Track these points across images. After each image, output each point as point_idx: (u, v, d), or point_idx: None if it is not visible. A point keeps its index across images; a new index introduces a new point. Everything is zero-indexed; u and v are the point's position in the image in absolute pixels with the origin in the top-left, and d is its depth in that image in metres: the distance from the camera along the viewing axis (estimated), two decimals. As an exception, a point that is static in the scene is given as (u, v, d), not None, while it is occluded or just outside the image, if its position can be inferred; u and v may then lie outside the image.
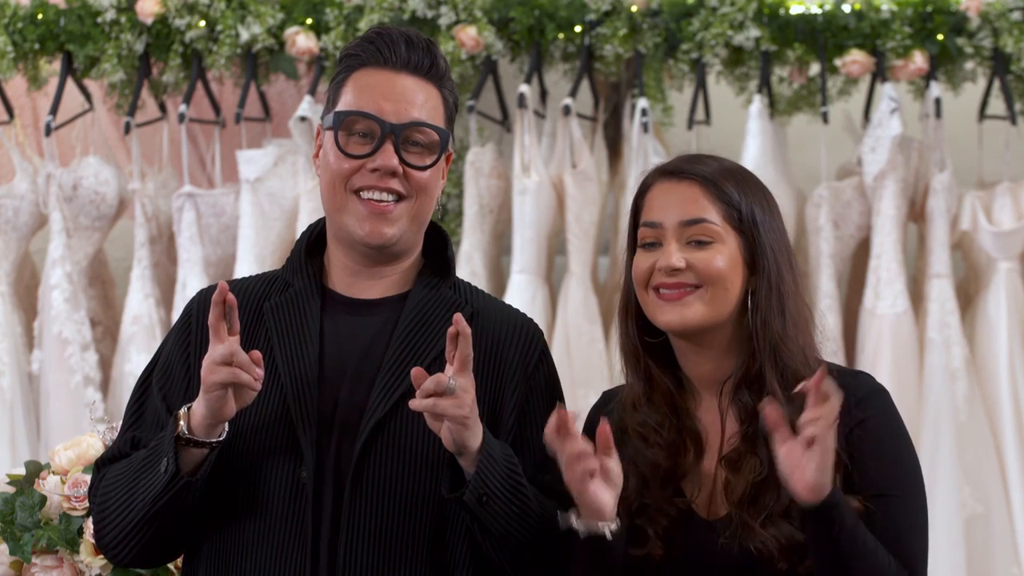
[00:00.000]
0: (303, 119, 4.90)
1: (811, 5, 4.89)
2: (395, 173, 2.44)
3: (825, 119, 4.89)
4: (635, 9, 4.89)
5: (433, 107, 2.47)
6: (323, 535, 2.38)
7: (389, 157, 2.43)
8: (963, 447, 4.76)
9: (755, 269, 2.47)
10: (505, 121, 5.11)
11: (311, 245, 2.55)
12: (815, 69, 4.93)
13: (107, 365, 5.07)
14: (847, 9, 4.87)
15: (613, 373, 4.63)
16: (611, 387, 2.67)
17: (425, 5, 4.90)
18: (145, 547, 2.42)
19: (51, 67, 5.09)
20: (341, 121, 2.45)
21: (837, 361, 2.52)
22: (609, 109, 5.19)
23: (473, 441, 2.31)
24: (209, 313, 2.31)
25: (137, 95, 5.01)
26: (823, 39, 4.85)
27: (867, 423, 2.40)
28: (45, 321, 4.97)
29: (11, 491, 3.04)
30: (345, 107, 2.46)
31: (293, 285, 2.52)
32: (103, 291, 5.25)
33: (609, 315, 4.83)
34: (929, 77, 4.87)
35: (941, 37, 4.84)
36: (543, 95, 5.07)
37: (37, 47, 5.01)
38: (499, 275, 5.02)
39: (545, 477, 2.44)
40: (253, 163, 4.98)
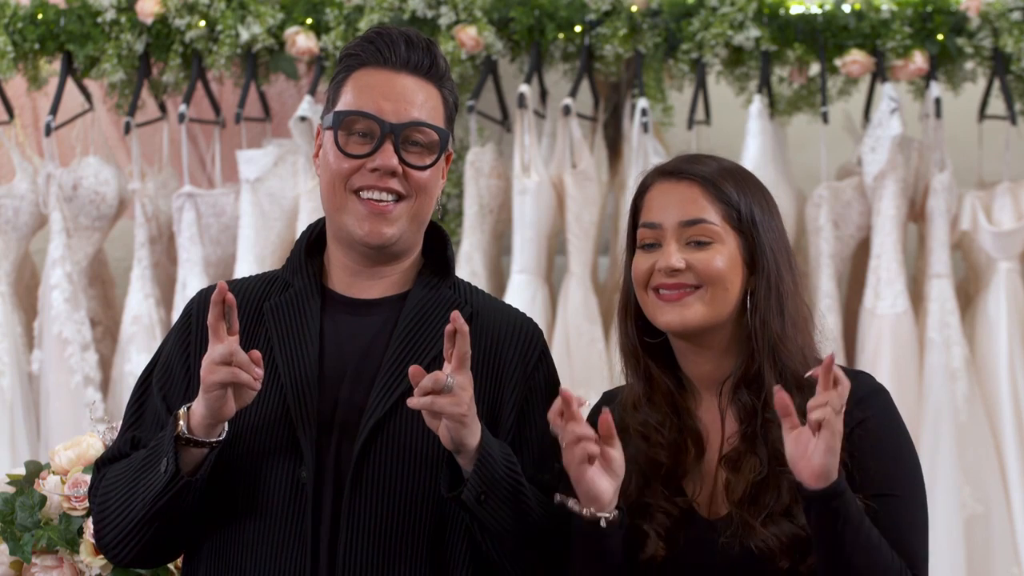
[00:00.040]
0: (303, 119, 4.90)
1: (811, 5, 4.89)
2: (395, 173, 2.44)
3: (825, 119, 4.89)
4: (635, 9, 4.89)
5: (433, 107, 2.47)
6: (323, 535, 2.38)
7: (389, 157, 2.43)
8: (963, 447, 4.76)
9: (755, 269, 2.47)
10: (505, 121, 5.10)
11: (311, 245, 2.55)
12: (815, 69, 4.93)
13: (107, 365, 5.06)
14: (847, 9, 4.87)
15: (613, 373, 4.62)
16: (611, 387, 2.67)
17: (425, 5, 4.90)
18: (145, 547, 2.42)
19: (51, 67, 5.09)
20: (341, 121, 2.45)
21: (837, 361, 2.52)
22: (609, 109, 5.19)
23: (471, 439, 2.31)
24: (208, 313, 2.31)
25: (137, 95, 5.00)
26: (823, 39, 4.85)
27: (867, 423, 2.40)
28: (45, 321, 4.96)
29: (11, 491, 3.04)
30: (345, 107, 2.46)
31: (293, 285, 2.52)
32: (103, 291, 5.25)
33: (609, 315, 4.83)
34: (929, 77, 4.87)
35: (941, 37, 4.84)
36: (543, 95, 5.06)
37: (37, 47, 5.00)
38: (499, 275, 5.02)
39: (544, 476, 2.44)
40: (253, 163, 4.97)
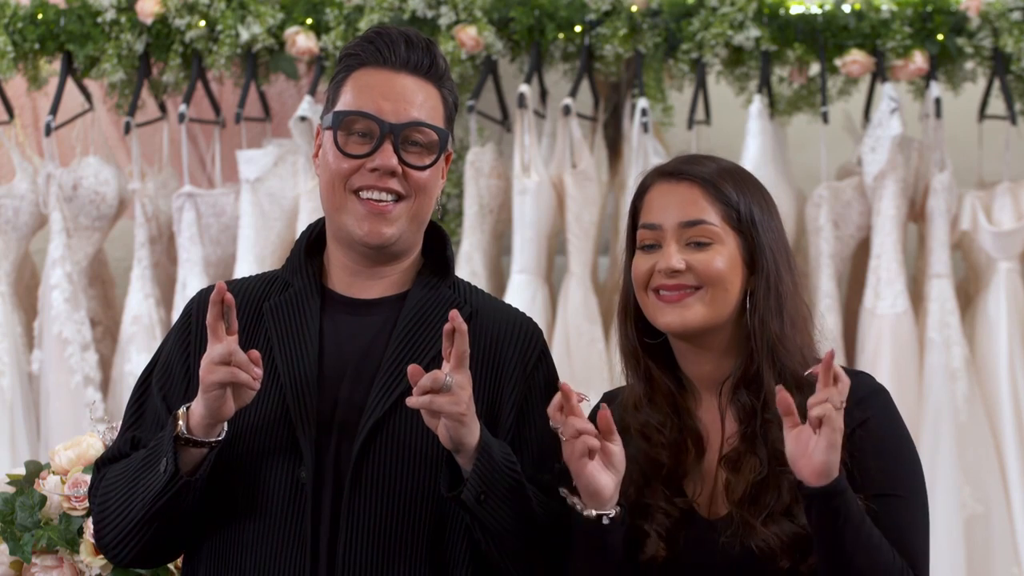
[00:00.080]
0: (303, 119, 4.89)
1: (811, 5, 4.89)
2: (394, 173, 2.44)
3: (825, 119, 4.88)
4: (635, 9, 4.89)
5: (432, 107, 2.47)
6: (322, 534, 2.38)
7: (388, 157, 2.43)
8: (963, 447, 4.75)
9: (754, 269, 2.47)
10: (505, 121, 5.10)
11: (311, 245, 2.55)
12: (815, 69, 4.93)
13: (107, 365, 5.06)
14: (847, 9, 4.86)
15: (613, 373, 4.61)
16: (611, 387, 2.67)
17: (425, 5, 4.90)
18: (145, 547, 2.42)
19: (51, 67, 5.09)
20: (340, 121, 2.45)
21: (837, 361, 2.52)
22: (609, 109, 5.19)
23: (470, 438, 2.31)
24: (207, 313, 2.31)
25: (137, 95, 5.00)
26: (823, 39, 4.85)
27: (868, 423, 2.40)
28: (45, 321, 4.96)
29: (11, 491, 3.04)
30: (344, 107, 2.46)
31: (293, 285, 2.52)
32: (103, 291, 5.25)
33: (609, 315, 4.83)
34: (929, 77, 4.87)
35: (941, 37, 4.84)
36: (543, 95, 5.06)
37: (37, 47, 5.00)
38: (499, 275, 5.01)
39: (544, 476, 2.44)
40: (253, 163, 4.97)
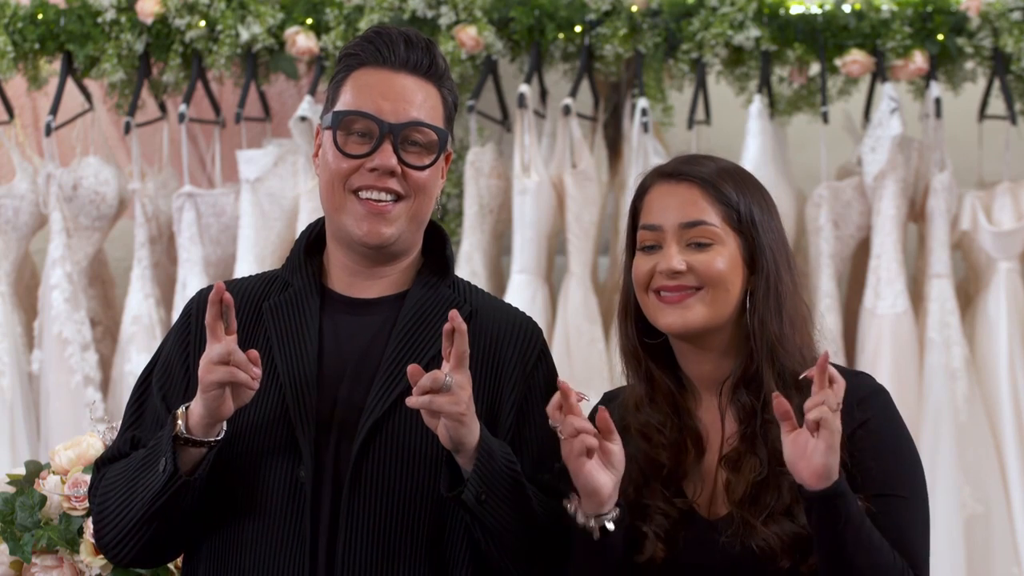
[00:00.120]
0: (303, 119, 4.89)
1: (811, 5, 4.89)
2: (393, 173, 2.44)
3: (825, 119, 4.88)
4: (635, 9, 4.89)
5: (432, 107, 2.47)
6: (321, 534, 2.38)
7: (387, 157, 2.43)
8: (963, 447, 4.75)
9: (755, 269, 2.47)
10: (505, 121, 5.10)
11: (310, 245, 2.55)
12: (815, 69, 4.93)
13: (107, 365, 5.06)
14: (847, 9, 4.86)
15: (613, 373, 4.61)
16: (611, 387, 2.67)
17: (425, 5, 4.90)
18: (144, 547, 2.42)
19: (51, 67, 5.09)
20: (340, 121, 2.45)
21: (837, 361, 2.52)
22: (609, 109, 5.19)
23: (470, 438, 2.31)
24: (206, 313, 2.31)
25: (137, 95, 5.00)
26: (823, 39, 4.85)
27: (869, 424, 2.40)
28: (45, 321, 4.96)
29: (11, 491, 3.04)
30: (344, 107, 2.46)
31: (292, 285, 2.52)
32: (103, 291, 5.25)
33: (609, 315, 4.83)
34: (929, 77, 4.87)
35: (941, 37, 4.84)
36: (543, 95, 5.06)
37: (37, 47, 5.01)
38: (499, 275, 5.01)
39: (544, 476, 2.44)
40: (253, 163, 4.97)
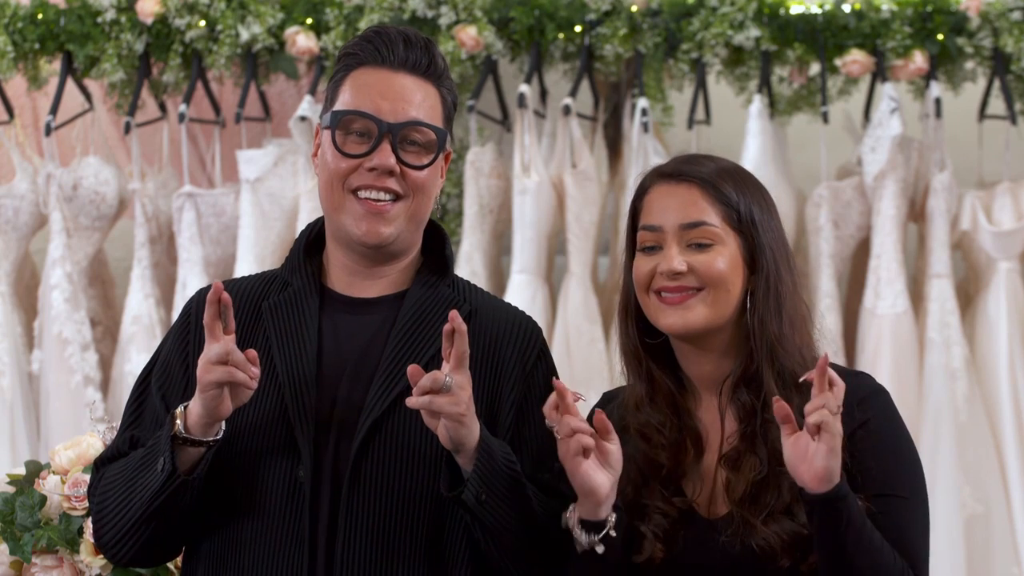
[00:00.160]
0: (303, 119, 4.89)
1: (811, 5, 4.88)
2: (392, 172, 2.44)
3: (825, 119, 4.88)
4: (635, 9, 4.88)
5: (431, 106, 2.47)
6: (320, 533, 2.38)
7: (386, 156, 2.43)
8: (963, 447, 4.75)
9: (755, 269, 2.47)
10: (505, 121, 5.10)
11: (310, 244, 2.55)
12: (815, 69, 4.93)
13: (107, 365, 5.06)
14: (847, 9, 4.86)
15: (613, 373, 4.61)
16: (611, 387, 2.67)
17: (425, 5, 4.90)
18: (143, 546, 2.42)
19: (51, 67, 5.09)
20: (338, 120, 2.45)
21: (837, 361, 2.52)
22: (609, 109, 5.19)
23: (470, 439, 2.31)
24: (204, 312, 2.31)
25: (137, 95, 5.00)
26: (823, 39, 4.85)
27: (869, 424, 2.40)
28: (45, 321, 4.96)
29: (11, 491, 3.04)
30: (343, 106, 2.46)
31: (292, 284, 2.52)
32: (103, 291, 5.25)
33: (609, 315, 4.83)
34: (929, 77, 4.87)
35: (941, 37, 4.84)
36: (543, 95, 5.06)
37: (37, 47, 5.00)
38: (499, 275, 5.01)
39: (544, 475, 2.44)
40: (253, 163, 4.97)
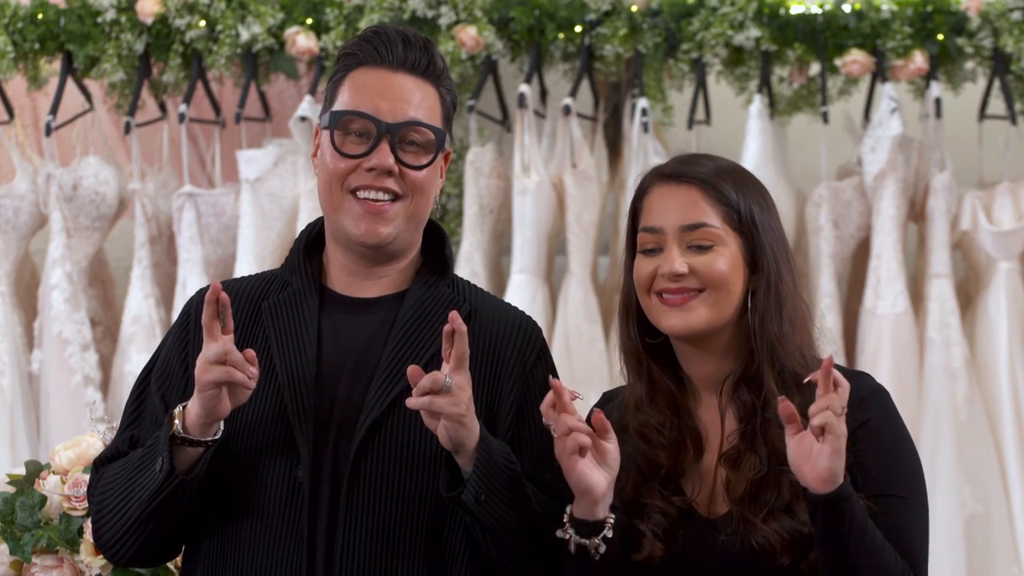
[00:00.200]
0: (303, 119, 4.89)
1: (811, 5, 4.88)
2: (391, 172, 2.43)
3: (825, 119, 4.88)
4: (635, 9, 4.88)
5: (430, 106, 2.47)
6: (319, 533, 2.38)
7: (385, 156, 2.43)
8: (963, 447, 4.75)
9: (755, 268, 2.47)
10: (505, 121, 5.10)
11: (310, 244, 2.55)
12: (815, 69, 4.93)
13: (107, 365, 5.06)
14: (847, 9, 4.86)
15: (613, 373, 4.62)
16: (611, 387, 2.67)
17: (425, 5, 4.90)
18: (142, 546, 2.42)
19: (51, 67, 5.09)
20: (337, 120, 2.45)
21: (837, 361, 2.51)
22: (609, 109, 5.19)
23: (470, 439, 2.31)
24: (203, 312, 2.31)
25: (137, 95, 5.00)
26: (823, 39, 4.85)
27: (869, 424, 2.40)
28: (45, 321, 4.96)
29: (11, 491, 3.04)
30: (342, 106, 2.46)
31: (292, 284, 2.52)
32: (103, 291, 5.25)
33: (609, 315, 4.83)
34: (929, 77, 4.87)
35: (941, 37, 4.84)
36: (543, 95, 5.06)
37: (37, 47, 5.01)
38: (499, 275, 5.01)
39: (544, 475, 2.43)
40: (253, 163, 4.97)
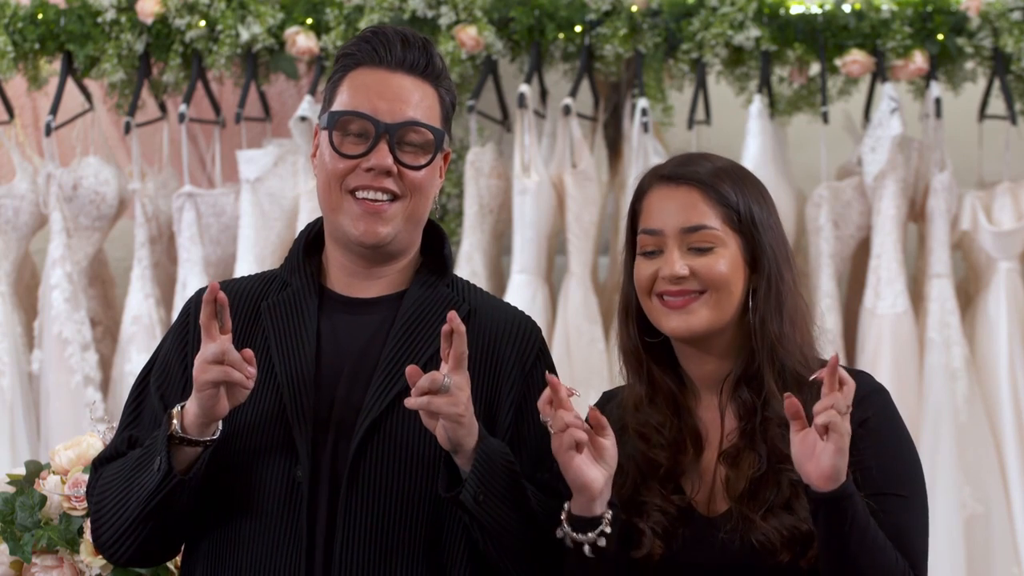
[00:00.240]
0: (303, 119, 4.89)
1: (811, 5, 4.88)
2: (389, 172, 2.43)
3: (825, 119, 4.88)
4: (635, 9, 4.88)
5: (429, 106, 2.47)
6: (319, 534, 2.38)
7: (383, 157, 2.43)
8: (963, 447, 4.75)
9: (756, 268, 2.47)
10: (505, 121, 5.10)
11: (309, 244, 2.55)
12: (815, 69, 4.93)
13: (107, 365, 5.07)
14: (847, 9, 4.86)
15: (613, 373, 4.62)
16: (611, 387, 2.67)
17: (425, 5, 4.90)
18: (141, 546, 2.42)
19: (51, 67, 5.09)
20: (336, 121, 2.45)
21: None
22: (609, 109, 5.19)
23: (469, 439, 2.31)
24: (201, 312, 2.31)
25: (137, 95, 5.01)
26: (823, 39, 4.85)
27: (868, 423, 2.40)
28: (45, 321, 4.96)
29: (11, 491, 3.04)
30: (340, 107, 2.46)
31: (291, 284, 2.52)
32: (103, 291, 5.25)
33: (609, 315, 4.83)
34: (929, 77, 4.87)
35: (941, 37, 4.84)
36: (543, 95, 5.06)
37: (37, 47, 5.01)
38: (499, 275, 5.02)
39: (543, 475, 2.43)
40: (253, 163, 4.97)
